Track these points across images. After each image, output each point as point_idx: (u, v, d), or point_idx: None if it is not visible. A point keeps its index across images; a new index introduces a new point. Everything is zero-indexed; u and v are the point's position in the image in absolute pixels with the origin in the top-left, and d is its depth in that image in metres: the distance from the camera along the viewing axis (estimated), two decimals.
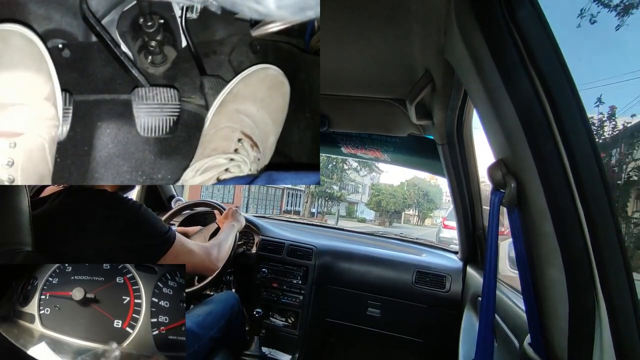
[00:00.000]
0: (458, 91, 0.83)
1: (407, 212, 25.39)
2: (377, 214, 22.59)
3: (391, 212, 22.44)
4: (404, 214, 25.46)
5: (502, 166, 0.50)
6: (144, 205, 0.81)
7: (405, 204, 23.24)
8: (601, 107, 4.56)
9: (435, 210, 24.46)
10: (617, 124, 4.58)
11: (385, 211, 21.91)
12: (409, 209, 24.69)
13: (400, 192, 22.36)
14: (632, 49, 9.86)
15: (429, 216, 25.22)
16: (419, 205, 24.08)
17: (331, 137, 1.48)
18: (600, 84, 11.48)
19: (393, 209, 22.35)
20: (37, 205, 0.75)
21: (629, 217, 4.08)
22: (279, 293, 1.60)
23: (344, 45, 0.80)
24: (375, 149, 1.50)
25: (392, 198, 21.85)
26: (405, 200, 22.86)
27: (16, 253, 0.63)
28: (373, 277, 1.55)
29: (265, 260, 1.63)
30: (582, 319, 0.43)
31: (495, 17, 0.47)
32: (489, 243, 0.53)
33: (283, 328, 1.59)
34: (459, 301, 1.44)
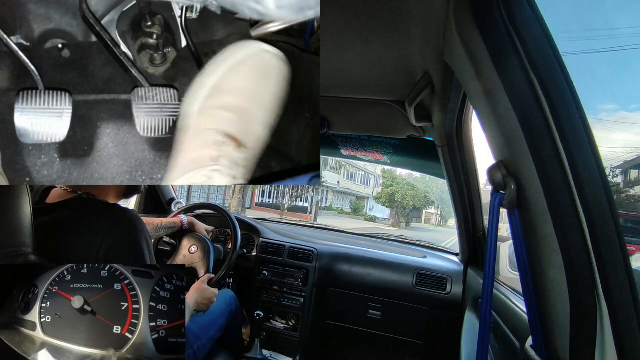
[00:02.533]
0: (457, 93, 0.83)
1: (429, 210, 20.36)
2: (392, 211, 17.60)
3: (409, 209, 17.41)
4: (425, 213, 20.50)
5: (502, 168, 0.50)
6: (142, 226, 0.80)
7: (427, 199, 18.14)
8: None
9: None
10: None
11: (401, 207, 17.00)
12: (431, 206, 19.67)
13: (421, 184, 16.99)
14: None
15: (452, 216, 21.92)
16: (442, 202, 18.71)
17: (331, 140, 1.48)
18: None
19: (412, 205, 17.24)
20: (42, 212, 0.75)
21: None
22: (280, 295, 1.60)
23: (344, 47, 0.80)
24: (375, 150, 1.50)
25: (410, 190, 16.54)
26: (427, 195, 17.69)
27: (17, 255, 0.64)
28: (374, 279, 1.55)
29: (265, 262, 1.63)
30: (583, 320, 0.43)
31: (494, 20, 0.47)
32: (489, 244, 0.53)
33: (284, 330, 1.59)
34: (460, 303, 1.43)
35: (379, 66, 0.87)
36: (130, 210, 0.82)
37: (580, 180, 0.42)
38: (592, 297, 0.42)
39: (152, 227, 1.31)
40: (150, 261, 0.80)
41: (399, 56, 0.80)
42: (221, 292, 1.36)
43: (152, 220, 1.33)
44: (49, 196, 0.86)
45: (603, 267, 0.42)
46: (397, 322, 1.52)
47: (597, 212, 0.42)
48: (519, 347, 0.71)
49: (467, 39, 0.52)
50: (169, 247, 1.43)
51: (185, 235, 1.41)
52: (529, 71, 0.45)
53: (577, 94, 0.44)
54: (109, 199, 0.88)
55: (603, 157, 0.44)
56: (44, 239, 0.69)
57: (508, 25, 0.46)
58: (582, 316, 0.43)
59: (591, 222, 0.42)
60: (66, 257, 0.72)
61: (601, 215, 0.42)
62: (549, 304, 0.48)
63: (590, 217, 0.42)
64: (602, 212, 0.42)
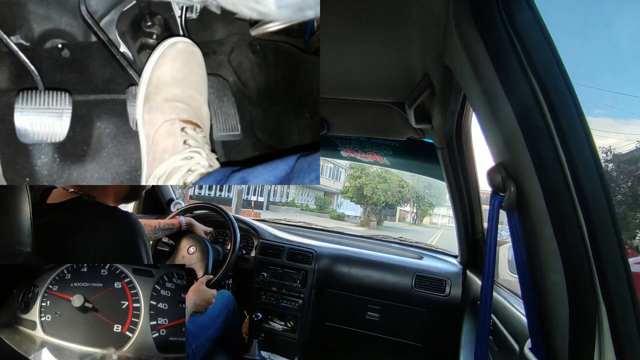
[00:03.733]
0: (457, 95, 0.83)
1: (404, 207, 18.73)
2: (363, 208, 15.34)
3: (380, 205, 15.32)
4: (399, 210, 18.69)
5: (502, 170, 0.50)
6: (141, 231, 0.81)
7: (402, 196, 16.25)
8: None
9: (436, 207, 19.34)
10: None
11: (372, 204, 14.88)
12: (406, 204, 18.02)
13: (395, 179, 14.72)
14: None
15: (428, 214, 20.26)
16: (418, 200, 17.60)
17: (330, 141, 1.48)
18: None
19: (383, 201, 15.10)
20: (43, 212, 0.75)
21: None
22: (278, 297, 1.60)
23: (344, 48, 0.80)
24: (375, 152, 1.50)
25: (381, 183, 14.42)
26: (402, 191, 15.77)
27: (16, 254, 0.64)
28: (372, 281, 1.54)
29: (264, 263, 1.62)
30: (582, 322, 0.43)
31: (494, 22, 0.47)
32: (488, 246, 0.53)
33: (282, 332, 1.58)
34: (459, 305, 1.43)
35: (379, 67, 0.87)
36: (130, 213, 0.82)
37: (579, 183, 0.42)
38: (591, 299, 0.42)
39: (150, 228, 1.30)
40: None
41: (399, 58, 0.80)
42: (219, 293, 1.35)
43: (150, 222, 1.33)
44: (50, 196, 0.85)
45: (602, 269, 0.42)
46: (396, 324, 1.52)
47: (596, 214, 0.42)
48: (518, 350, 0.71)
49: (466, 41, 0.52)
50: (167, 247, 1.43)
51: (184, 236, 1.41)
52: (529, 73, 0.45)
53: (576, 96, 0.44)
54: (109, 202, 0.88)
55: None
56: (43, 239, 0.69)
57: (508, 28, 0.46)
58: (581, 319, 0.43)
59: (590, 225, 0.42)
60: (65, 258, 0.72)
61: (600, 217, 0.42)
62: (548, 306, 0.48)
63: (590, 220, 0.42)
64: (601, 215, 0.42)
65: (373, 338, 1.54)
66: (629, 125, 4.70)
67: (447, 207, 20.38)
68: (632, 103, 8.74)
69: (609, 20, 6.14)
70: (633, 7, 5.07)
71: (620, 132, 4.07)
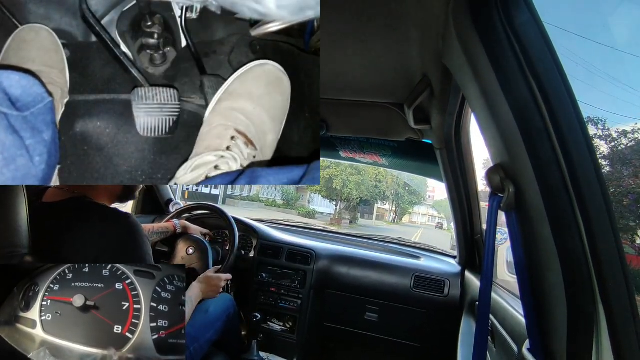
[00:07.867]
0: (456, 96, 0.84)
1: (382, 205, 17.24)
2: (335, 205, 13.72)
3: (354, 201, 13.61)
4: (377, 208, 17.24)
5: (500, 171, 0.50)
6: (142, 231, 0.82)
7: (379, 192, 14.70)
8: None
9: (416, 205, 18.45)
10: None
11: (345, 199, 13.24)
12: (385, 201, 16.57)
13: (371, 171, 12.90)
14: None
15: (408, 212, 19.14)
16: (397, 197, 16.03)
17: (330, 142, 1.48)
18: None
19: (357, 197, 13.32)
20: (38, 211, 0.75)
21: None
22: (277, 297, 1.59)
23: (343, 49, 0.80)
24: (374, 153, 1.50)
25: (353, 175, 12.49)
26: (378, 186, 14.17)
27: (12, 255, 0.63)
28: (371, 282, 1.54)
29: (263, 264, 1.62)
30: (580, 322, 0.43)
31: (493, 23, 0.47)
32: (487, 247, 0.53)
33: (281, 332, 1.58)
34: (458, 306, 1.43)
35: (378, 68, 0.87)
36: (130, 214, 0.82)
37: (578, 183, 0.43)
38: (589, 300, 0.43)
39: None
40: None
41: (398, 58, 0.80)
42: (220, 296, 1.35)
43: (144, 227, 1.32)
44: (45, 195, 0.85)
45: (600, 270, 0.42)
46: (395, 325, 1.52)
47: (594, 215, 0.42)
48: (516, 351, 0.71)
49: (465, 42, 0.52)
50: (166, 247, 1.42)
51: (181, 238, 1.40)
52: (528, 74, 0.45)
53: (575, 97, 0.44)
54: (104, 201, 0.88)
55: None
56: (40, 239, 0.69)
57: (507, 29, 0.47)
58: (579, 318, 0.43)
59: (589, 225, 0.42)
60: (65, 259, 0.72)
61: (599, 218, 0.42)
62: (546, 307, 0.48)
63: (588, 220, 0.42)
64: (599, 215, 0.42)
65: (372, 338, 1.54)
66: (628, 126, 4.76)
67: (426, 206, 20.08)
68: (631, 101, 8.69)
69: (608, 21, 6.10)
70: (632, 7, 5.05)
71: (620, 133, 4.06)
